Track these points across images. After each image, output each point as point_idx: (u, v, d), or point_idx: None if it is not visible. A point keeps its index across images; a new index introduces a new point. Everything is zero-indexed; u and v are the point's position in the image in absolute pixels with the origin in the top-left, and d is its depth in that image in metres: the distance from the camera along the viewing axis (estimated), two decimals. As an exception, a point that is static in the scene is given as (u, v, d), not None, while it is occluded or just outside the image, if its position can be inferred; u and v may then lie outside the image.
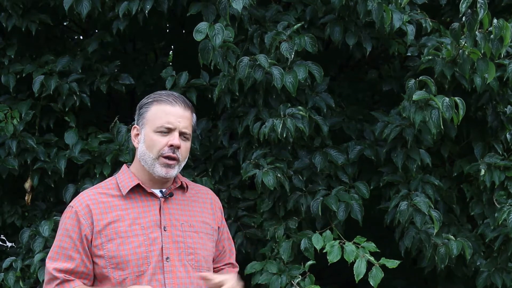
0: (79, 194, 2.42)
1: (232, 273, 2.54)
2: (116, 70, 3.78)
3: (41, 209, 3.85)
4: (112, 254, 2.30)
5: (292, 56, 3.21)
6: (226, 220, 3.42)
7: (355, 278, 3.08)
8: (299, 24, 3.31)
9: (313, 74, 3.30)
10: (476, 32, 3.08)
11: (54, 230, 3.54)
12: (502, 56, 3.31)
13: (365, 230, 3.38)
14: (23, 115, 3.65)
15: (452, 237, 3.39)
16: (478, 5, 2.98)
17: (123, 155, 3.52)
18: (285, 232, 3.38)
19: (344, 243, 3.21)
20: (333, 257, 3.13)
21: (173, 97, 2.39)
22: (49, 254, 2.35)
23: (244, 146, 3.47)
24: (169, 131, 2.35)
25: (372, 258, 3.13)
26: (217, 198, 2.61)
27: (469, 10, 3.03)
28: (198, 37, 3.09)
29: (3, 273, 3.59)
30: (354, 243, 3.21)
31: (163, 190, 2.42)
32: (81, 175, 3.69)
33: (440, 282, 3.81)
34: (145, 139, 2.37)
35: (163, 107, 2.37)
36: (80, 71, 3.69)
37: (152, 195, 2.39)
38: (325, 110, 3.40)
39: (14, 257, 3.65)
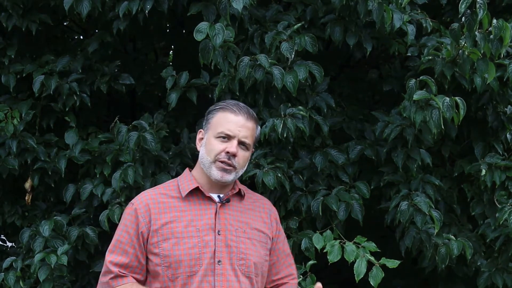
0: (141, 193, 2.52)
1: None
2: (116, 70, 3.78)
3: (41, 209, 3.84)
4: (167, 253, 2.38)
5: (293, 56, 3.21)
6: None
7: (356, 278, 3.08)
8: (299, 24, 3.31)
9: (314, 74, 3.30)
10: (476, 32, 3.08)
11: (54, 230, 3.54)
12: (502, 56, 3.30)
13: (365, 230, 3.38)
14: (23, 115, 3.65)
15: (452, 237, 3.39)
16: (478, 6, 2.97)
17: (123, 155, 3.51)
18: (285, 232, 3.38)
19: (344, 243, 3.20)
20: (333, 257, 3.13)
21: (237, 107, 2.49)
22: (109, 247, 2.47)
23: (244, 146, 3.46)
24: (228, 138, 2.44)
25: (372, 258, 3.13)
26: (274, 209, 2.67)
27: (468, 11, 3.03)
28: (198, 37, 3.09)
29: (3, 273, 3.59)
30: (355, 243, 3.21)
31: (221, 195, 2.48)
32: (81, 175, 3.69)
33: (441, 282, 3.81)
34: (206, 143, 2.47)
35: (227, 115, 2.47)
36: (80, 71, 3.69)
37: (210, 199, 2.46)
38: (325, 110, 3.40)
39: (14, 257, 3.65)
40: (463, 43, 3.16)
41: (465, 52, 3.22)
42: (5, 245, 4.28)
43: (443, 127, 3.16)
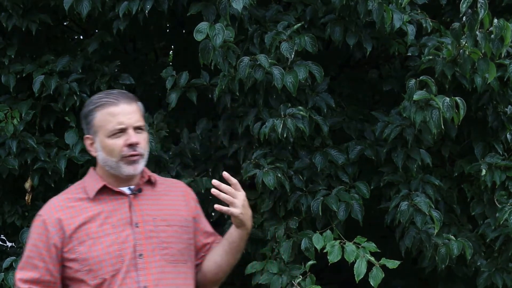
0: (47, 202, 2.38)
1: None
2: (116, 70, 3.78)
3: (41, 209, 3.84)
4: (84, 256, 2.26)
5: (292, 56, 3.21)
6: (226, 220, 3.43)
7: (356, 278, 3.08)
8: (299, 24, 3.31)
9: (313, 74, 3.30)
10: (477, 32, 3.08)
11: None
12: (503, 56, 3.30)
13: (365, 230, 3.38)
14: (23, 115, 3.64)
15: (452, 237, 3.38)
16: (479, 5, 2.98)
17: (123, 155, 3.51)
18: (285, 232, 3.38)
19: (344, 243, 3.20)
20: (333, 257, 3.13)
21: (113, 96, 2.33)
22: (18, 264, 2.34)
23: (244, 146, 3.46)
24: (122, 131, 2.30)
25: (372, 258, 3.13)
26: (189, 189, 2.52)
27: (469, 10, 3.03)
28: (198, 37, 3.09)
29: (3, 273, 3.58)
30: (355, 243, 3.21)
31: (131, 187, 2.36)
32: (81, 175, 3.68)
33: (441, 282, 3.80)
34: (102, 146, 2.32)
35: (109, 110, 2.31)
36: (80, 71, 3.69)
37: (120, 193, 2.34)
38: (325, 110, 3.40)
39: (14, 257, 3.64)
40: (464, 42, 3.16)
41: (466, 52, 3.22)
42: (5, 245, 4.27)
43: (443, 127, 3.16)
